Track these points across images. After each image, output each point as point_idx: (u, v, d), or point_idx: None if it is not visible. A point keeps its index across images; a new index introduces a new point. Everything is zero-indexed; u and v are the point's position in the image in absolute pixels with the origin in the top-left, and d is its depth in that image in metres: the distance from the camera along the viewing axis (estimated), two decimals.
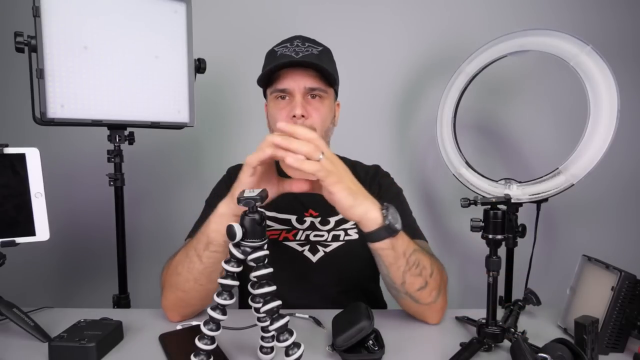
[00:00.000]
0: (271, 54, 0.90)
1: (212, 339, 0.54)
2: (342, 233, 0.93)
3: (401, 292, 0.73)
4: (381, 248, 0.68)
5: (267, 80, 0.90)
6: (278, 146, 0.61)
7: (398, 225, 0.67)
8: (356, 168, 1.02)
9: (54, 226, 0.75)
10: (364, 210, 0.65)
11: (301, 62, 0.84)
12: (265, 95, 0.96)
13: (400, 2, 1.61)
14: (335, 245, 0.92)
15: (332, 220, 0.94)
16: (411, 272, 0.71)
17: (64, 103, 1.06)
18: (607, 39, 1.55)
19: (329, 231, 0.93)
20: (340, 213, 0.67)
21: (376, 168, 1.04)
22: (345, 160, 1.04)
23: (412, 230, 0.89)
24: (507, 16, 1.58)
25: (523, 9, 1.59)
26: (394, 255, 0.69)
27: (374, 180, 1.00)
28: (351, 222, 0.94)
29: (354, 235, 0.93)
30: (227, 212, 0.69)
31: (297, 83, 0.86)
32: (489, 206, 0.66)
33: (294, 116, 0.85)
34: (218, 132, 1.63)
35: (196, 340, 0.54)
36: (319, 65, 0.83)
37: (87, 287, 1.63)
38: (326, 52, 0.91)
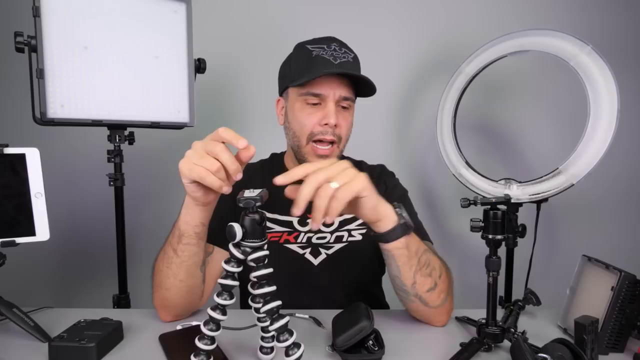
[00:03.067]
0: (304, 51, 0.86)
1: (212, 339, 0.54)
2: (345, 234, 0.92)
3: (410, 294, 0.73)
4: (396, 247, 0.68)
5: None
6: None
7: (412, 223, 0.67)
8: (362, 167, 1.02)
9: (54, 226, 0.75)
10: (384, 208, 0.66)
11: (345, 73, 0.83)
12: (281, 91, 0.94)
13: (401, 2, 1.61)
14: (338, 246, 0.91)
15: (336, 220, 0.93)
16: (421, 273, 0.71)
17: (64, 103, 1.06)
18: (607, 39, 1.55)
19: (332, 232, 0.92)
20: (360, 215, 0.66)
21: (381, 167, 1.04)
22: (349, 160, 1.04)
23: (419, 232, 0.88)
24: (507, 16, 1.58)
25: (523, 9, 1.59)
26: (407, 255, 0.68)
27: (380, 179, 0.99)
28: (356, 223, 0.93)
29: (357, 236, 0.93)
30: (191, 203, 0.68)
31: (333, 91, 0.84)
32: (489, 206, 0.66)
33: (326, 124, 0.84)
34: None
35: (196, 340, 0.54)
36: (363, 77, 0.83)
37: (87, 287, 1.63)
38: (357, 60, 0.90)
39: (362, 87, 0.88)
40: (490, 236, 0.65)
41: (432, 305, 0.74)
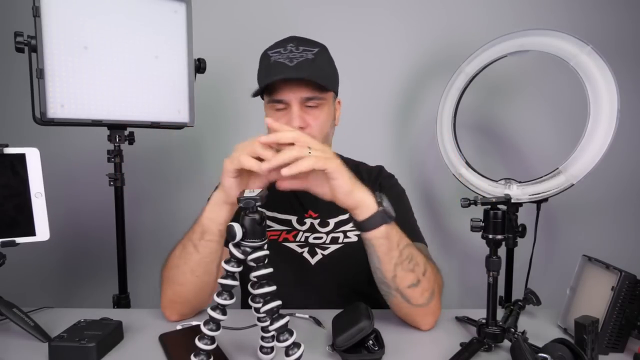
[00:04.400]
0: (265, 59, 0.88)
1: (212, 339, 0.54)
2: (341, 235, 0.92)
3: (392, 288, 0.72)
4: (375, 237, 0.68)
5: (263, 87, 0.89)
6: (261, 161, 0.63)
7: (392, 213, 0.68)
8: (359, 169, 1.01)
9: (54, 226, 0.75)
10: (361, 195, 0.67)
11: (294, 78, 0.82)
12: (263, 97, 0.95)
13: (401, 2, 1.61)
14: (333, 247, 0.91)
15: (332, 221, 0.93)
16: (403, 266, 0.70)
17: (64, 103, 1.06)
18: (607, 39, 1.55)
19: (327, 233, 0.92)
20: (338, 201, 0.68)
21: (379, 169, 1.03)
22: (349, 161, 1.04)
23: (413, 232, 0.88)
24: (507, 16, 1.58)
25: (523, 9, 1.59)
26: (387, 245, 0.69)
27: (375, 181, 0.99)
28: (351, 224, 0.93)
29: (353, 237, 0.92)
30: (220, 200, 0.71)
31: (293, 94, 0.84)
32: (489, 206, 0.66)
33: None
34: (218, 132, 1.63)
35: (196, 340, 0.54)
36: (314, 79, 0.81)
37: (87, 287, 1.63)
38: (322, 53, 0.88)
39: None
40: (490, 236, 0.65)
41: (415, 304, 0.72)
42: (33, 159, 0.73)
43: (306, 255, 0.91)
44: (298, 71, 0.82)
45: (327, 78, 0.85)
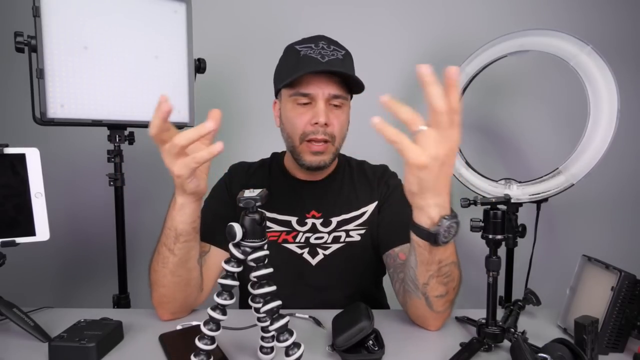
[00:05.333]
0: (293, 52, 0.86)
1: (212, 339, 0.54)
2: (343, 234, 0.92)
3: (419, 291, 0.70)
4: (418, 244, 0.65)
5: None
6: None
7: (444, 240, 0.61)
8: (364, 167, 1.01)
9: (54, 226, 0.75)
10: (425, 203, 0.61)
11: (330, 70, 0.82)
12: (276, 93, 0.93)
13: (401, 2, 1.61)
14: (335, 247, 0.91)
15: (334, 220, 0.92)
16: (438, 280, 0.68)
17: (64, 103, 1.06)
18: (607, 39, 1.55)
19: (329, 232, 0.92)
20: (405, 191, 0.63)
21: (384, 168, 1.03)
22: (352, 160, 1.04)
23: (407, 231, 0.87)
24: (507, 16, 1.58)
25: (523, 9, 1.59)
26: (427, 258, 0.66)
27: (381, 179, 0.98)
28: (354, 224, 0.93)
29: (355, 237, 0.92)
30: (188, 201, 0.70)
31: (321, 90, 0.83)
32: (489, 206, 0.66)
33: (316, 123, 0.83)
34: (218, 131, 1.62)
35: (196, 340, 0.54)
36: (348, 73, 0.82)
37: (87, 287, 1.63)
38: (349, 57, 0.88)
39: (354, 84, 0.87)
40: (490, 236, 0.65)
41: (435, 310, 0.72)
42: (33, 159, 0.73)
43: (306, 256, 0.91)
44: (330, 67, 0.82)
45: (359, 81, 0.86)
